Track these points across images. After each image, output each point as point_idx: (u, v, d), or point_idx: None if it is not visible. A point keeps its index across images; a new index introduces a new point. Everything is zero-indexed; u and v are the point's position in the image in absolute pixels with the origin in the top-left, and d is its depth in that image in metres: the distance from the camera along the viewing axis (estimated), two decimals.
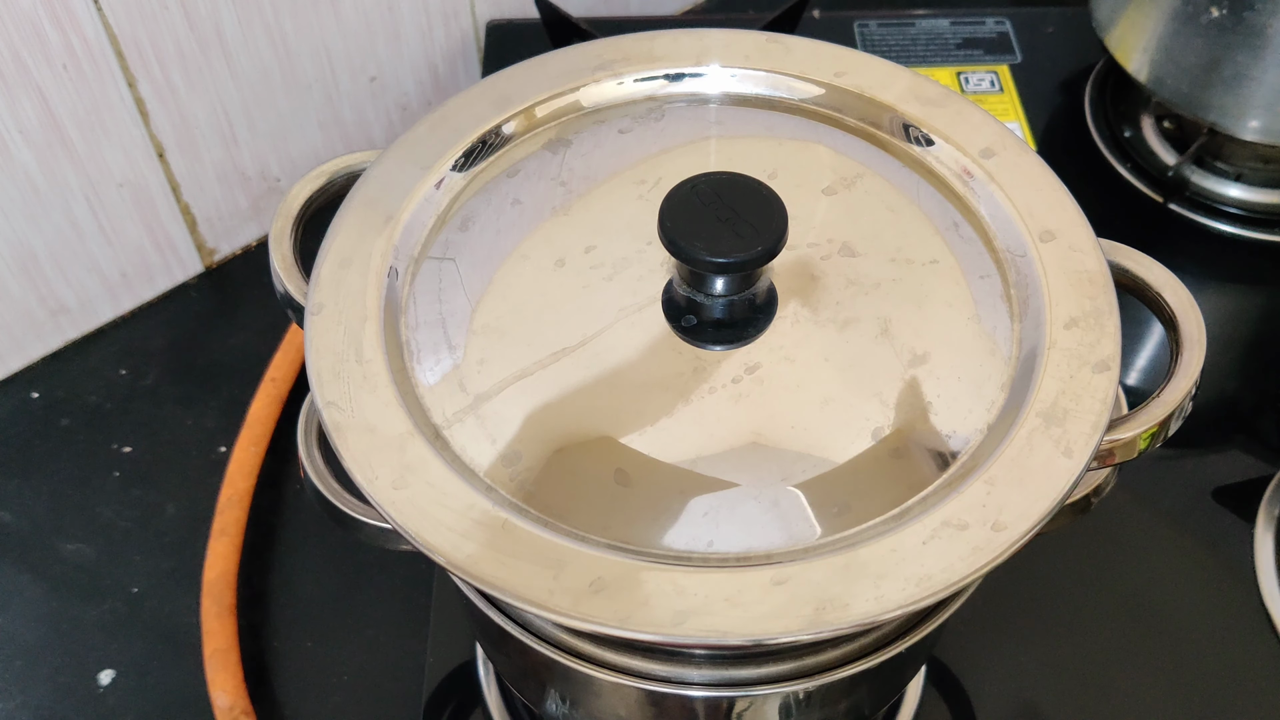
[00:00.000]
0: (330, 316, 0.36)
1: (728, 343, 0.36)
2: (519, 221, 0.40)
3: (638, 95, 0.44)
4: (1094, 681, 0.52)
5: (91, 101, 0.60)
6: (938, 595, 0.31)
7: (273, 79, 0.66)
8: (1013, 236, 0.39)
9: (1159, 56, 0.64)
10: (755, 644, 0.31)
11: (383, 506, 0.32)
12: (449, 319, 0.37)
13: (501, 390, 0.36)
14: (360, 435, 0.34)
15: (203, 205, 0.68)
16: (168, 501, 0.61)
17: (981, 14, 0.77)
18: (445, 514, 0.32)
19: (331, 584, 0.58)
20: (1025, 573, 0.55)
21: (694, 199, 0.35)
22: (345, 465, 0.33)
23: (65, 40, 0.57)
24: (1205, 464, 0.59)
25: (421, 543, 0.32)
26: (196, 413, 0.64)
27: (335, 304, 0.37)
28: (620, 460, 0.34)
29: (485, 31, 0.75)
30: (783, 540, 0.33)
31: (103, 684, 0.55)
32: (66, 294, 0.65)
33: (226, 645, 0.53)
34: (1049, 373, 0.35)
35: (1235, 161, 0.68)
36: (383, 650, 0.55)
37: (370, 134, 0.73)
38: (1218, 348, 0.64)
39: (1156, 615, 0.54)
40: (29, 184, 0.60)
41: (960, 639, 0.53)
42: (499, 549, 0.32)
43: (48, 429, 0.63)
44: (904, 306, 0.37)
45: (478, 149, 0.42)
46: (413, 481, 0.33)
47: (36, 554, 0.59)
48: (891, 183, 0.41)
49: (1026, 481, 0.33)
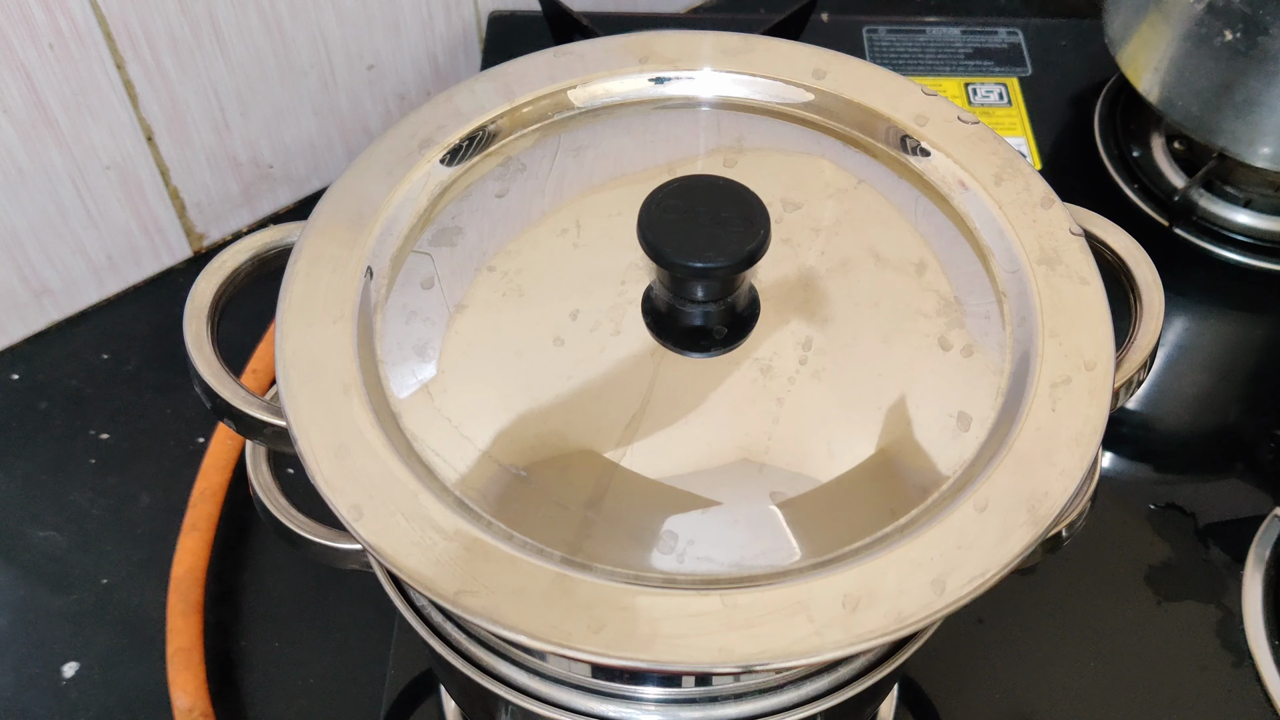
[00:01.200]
0: (299, 323, 0.35)
1: (707, 351, 0.35)
2: (500, 226, 0.39)
3: (628, 97, 0.43)
4: (1070, 712, 0.51)
5: (78, 82, 0.59)
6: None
7: (266, 64, 0.65)
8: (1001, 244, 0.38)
9: (1170, 77, 0.62)
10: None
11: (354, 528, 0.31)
12: (424, 327, 0.36)
13: (478, 402, 0.35)
14: (328, 452, 0.33)
15: (192, 190, 0.67)
16: (142, 491, 0.60)
17: (994, 24, 0.76)
18: (417, 534, 0.31)
19: (303, 584, 0.57)
20: (1007, 604, 0.54)
21: (674, 203, 0.34)
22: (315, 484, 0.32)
23: (52, 20, 0.56)
24: (1201, 493, 0.58)
25: (400, 569, 0.31)
26: (176, 401, 0.63)
27: (305, 310, 0.35)
28: (598, 476, 0.33)
29: (487, 23, 0.74)
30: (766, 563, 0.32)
31: (66, 676, 0.54)
32: (50, 275, 0.64)
33: (190, 644, 0.52)
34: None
35: (1245, 187, 0.66)
36: (351, 654, 0.54)
37: (366, 123, 0.72)
38: (1220, 377, 0.63)
39: (1135, 649, 0.53)
40: (12, 164, 0.59)
41: (936, 661, 0.52)
42: (476, 574, 0.31)
43: (25, 412, 0.63)
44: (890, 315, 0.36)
45: (463, 147, 0.41)
46: (382, 500, 0.32)
47: (6, 540, 0.58)
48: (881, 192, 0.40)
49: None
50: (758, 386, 0.35)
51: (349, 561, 0.37)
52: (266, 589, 0.57)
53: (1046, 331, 0.36)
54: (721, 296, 0.35)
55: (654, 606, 0.30)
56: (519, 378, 0.35)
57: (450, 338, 0.36)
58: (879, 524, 0.33)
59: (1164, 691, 0.52)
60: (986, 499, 0.32)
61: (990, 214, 0.39)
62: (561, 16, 0.70)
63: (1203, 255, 0.66)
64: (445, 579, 0.31)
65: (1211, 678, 0.52)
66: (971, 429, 0.34)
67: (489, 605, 0.30)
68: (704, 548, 0.32)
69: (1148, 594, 0.55)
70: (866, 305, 0.37)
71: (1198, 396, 0.63)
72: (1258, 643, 0.53)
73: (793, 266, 0.37)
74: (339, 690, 0.53)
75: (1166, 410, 0.62)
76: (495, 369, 0.35)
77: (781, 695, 0.36)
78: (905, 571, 0.31)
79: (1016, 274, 0.37)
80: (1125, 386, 0.36)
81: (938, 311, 0.37)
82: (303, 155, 0.70)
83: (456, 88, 0.42)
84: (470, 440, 0.34)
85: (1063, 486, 0.33)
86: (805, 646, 0.30)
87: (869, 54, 0.74)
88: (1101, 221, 0.40)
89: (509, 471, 0.33)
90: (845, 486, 0.34)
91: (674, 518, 0.33)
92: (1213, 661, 0.53)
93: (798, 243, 0.38)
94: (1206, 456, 0.61)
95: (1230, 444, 0.61)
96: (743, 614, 0.30)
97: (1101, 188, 0.69)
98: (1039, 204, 0.39)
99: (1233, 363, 0.64)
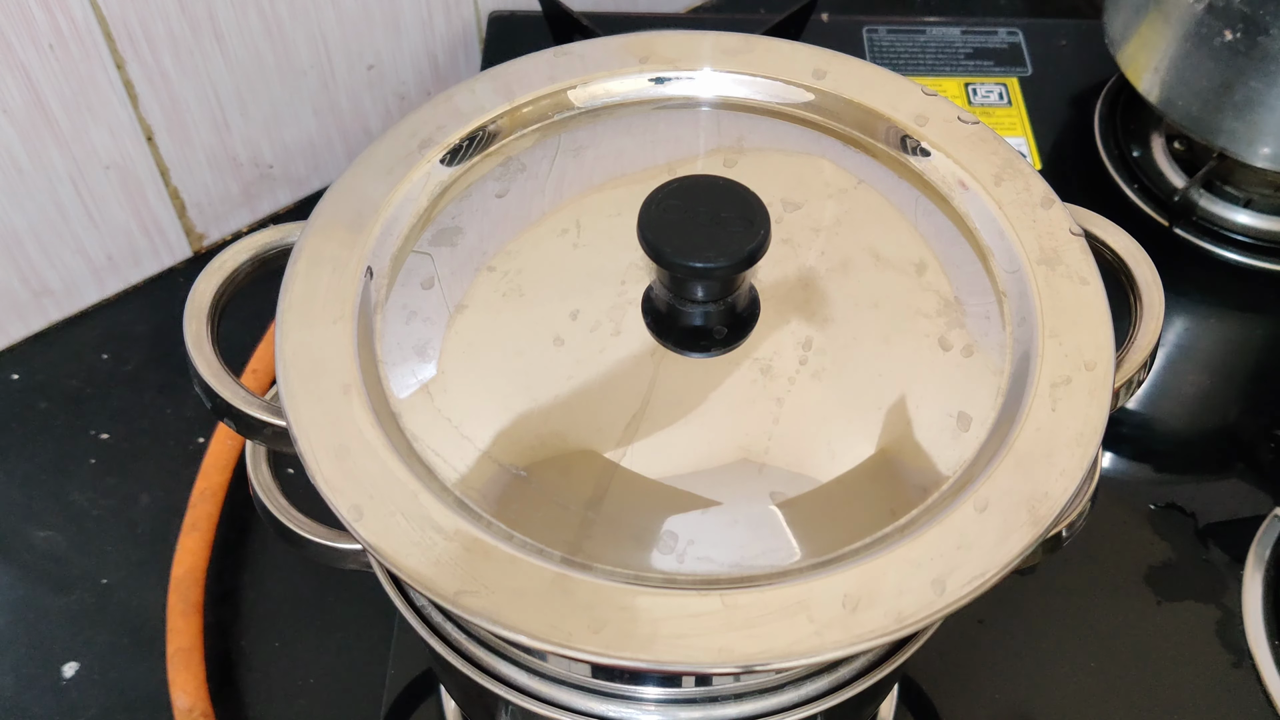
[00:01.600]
0: (299, 323, 0.35)
1: (707, 351, 0.35)
2: (500, 226, 0.39)
3: (628, 97, 0.43)
4: (1070, 712, 0.51)
5: (78, 82, 0.59)
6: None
7: (266, 64, 0.65)
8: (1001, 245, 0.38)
9: (1170, 77, 0.62)
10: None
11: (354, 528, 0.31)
12: (424, 327, 0.36)
13: (478, 402, 0.35)
14: (328, 452, 0.33)
15: (192, 190, 0.67)
16: (142, 491, 0.60)
17: (994, 24, 0.76)
18: (417, 534, 0.31)
19: (303, 584, 0.57)
20: (1007, 604, 0.54)
21: (674, 203, 0.34)
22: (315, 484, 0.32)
23: (52, 19, 0.56)
24: (1201, 493, 0.58)
25: (400, 569, 0.31)
26: (176, 401, 0.63)
27: (305, 310, 0.35)
28: (598, 476, 0.33)
29: (487, 23, 0.74)
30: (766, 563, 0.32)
31: (66, 676, 0.54)
32: (50, 275, 0.64)
33: (190, 644, 0.52)
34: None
35: (1245, 187, 0.66)
36: (351, 654, 0.54)
37: (366, 123, 0.72)
38: (1220, 377, 0.63)
39: (1135, 649, 0.53)
40: (12, 163, 0.59)
41: (936, 661, 0.52)
42: (476, 574, 0.31)
43: (26, 412, 0.63)
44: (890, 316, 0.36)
45: (463, 147, 0.41)
46: (382, 500, 0.32)
47: (6, 540, 0.58)
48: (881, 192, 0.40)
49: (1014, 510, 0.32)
50: (758, 386, 0.34)
51: (349, 561, 0.37)
52: (266, 589, 0.57)
53: (1047, 331, 0.36)
54: (721, 296, 0.35)
55: (654, 606, 0.30)
56: (519, 378, 0.35)
57: (450, 338, 0.36)
58: (879, 524, 0.33)
59: (1164, 691, 0.52)
60: (986, 499, 0.32)
61: (990, 214, 0.39)
62: (561, 16, 0.70)
63: (1203, 255, 0.66)
64: (445, 579, 0.30)
65: (1211, 678, 0.52)
66: (971, 429, 0.34)
67: (489, 605, 0.30)
68: (704, 548, 0.32)
69: (1148, 594, 0.55)
70: (866, 305, 0.36)
71: (1198, 396, 0.63)
72: (1258, 643, 0.53)
73: (793, 266, 0.37)
74: (339, 690, 0.53)
75: (1166, 410, 0.62)
76: (495, 369, 0.35)
77: (781, 695, 0.36)
78: (905, 571, 0.31)
79: (1016, 274, 0.37)
80: (1125, 386, 0.36)
81: (938, 312, 0.37)
82: (303, 155, 0.70)
83: (456, 88, 0.42)
84: (470, 440, 0.34)
85: (1063, 486, 0.32)
86: (805, 646, 0.30)
87: (869, 54, 0.74)
88: (1101, 221, 0.40)
89: (509, 471, 0.33)
90: (845, 486, 0.33)
91: (674, 518, 0.33)
92: (1213, 661, 0.53)
93: (798, 243, 0.38)
94: (1206, 456, 0.61)
95: (1230, 444, 0.61)
96: (743, 614, 0.30)
97: (1101, 188, 0.69)
98: (1039, 204, 0.39)
99: (1233, 363, 0.64)
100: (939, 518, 0.32)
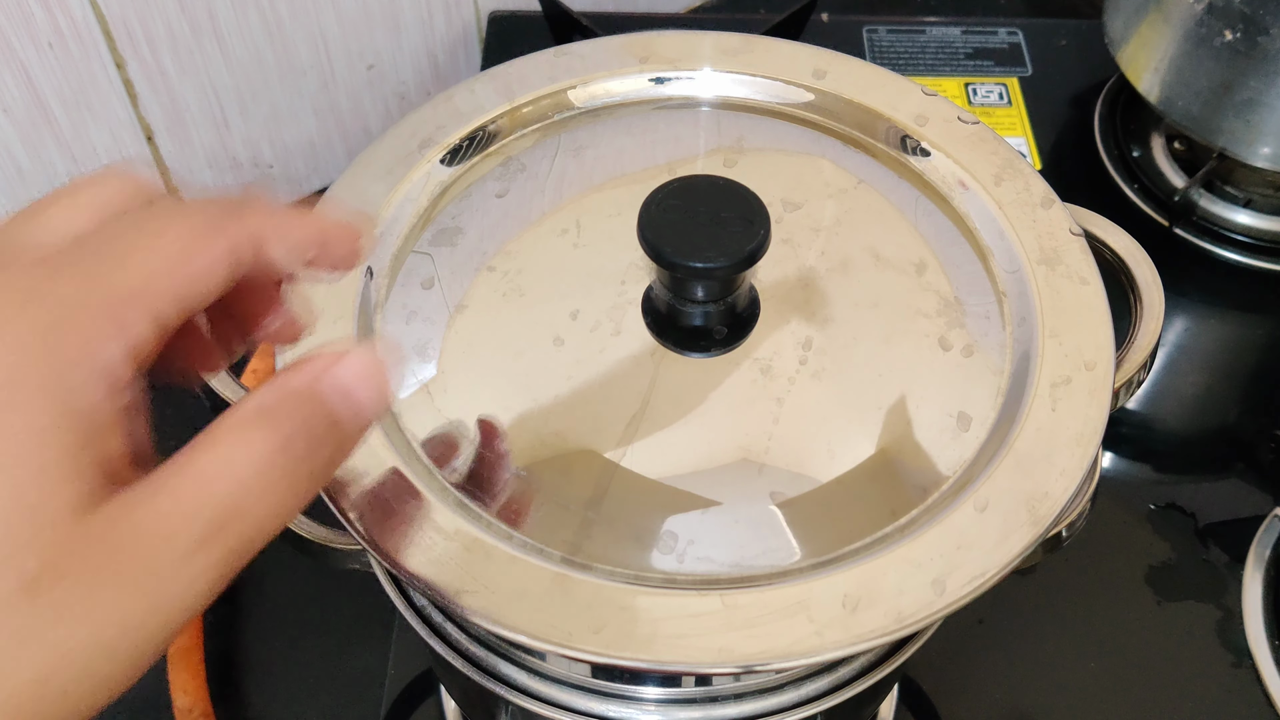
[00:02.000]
0: None
1: (707, 351, 0.35)
2: (500, 226, 0.39)
3: (628, 97, 0.43)
4: (1070, 712, 0.51)
5: (78, 81, 0.59)
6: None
7: (266, 64, 0.65)
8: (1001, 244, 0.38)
9: (1170, 77, 0.62)
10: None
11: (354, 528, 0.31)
12: (424, 327, 0.36)
13: (478, 402, 0.35)
14: None
15: (192, 189, 0.67)
16: None
17: (994, 24, 0.76)
18: (417, 534, 0.31)
19: (303, 584, 0.57)
20: (1007, 604, 0.54)
21: (674, 203, 0.34)
22: None
23: (51, 18, 0.56)
24: (1201, 493, 0.58)
25: (400, 569, 0.31)
26: (176, 402, 0.63)
27: None
28: (598, 476, 0.33)
29: (487, 23, 0.74)
30: (766, 563, 0.32)
31: None
32: None
33: (189, 644, 0.52)
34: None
35: (1245, 187, 0.66)
36: (351, 654, 0.54)
37: (366, 123, 0.72)
38: (1220, 377, 0.63)
39: (1135, 649, 0.53)
40: (11, 161, 0.59)
41: (936, 661, 0.52)
42: (476, 574, 0.31)
43: None
44: (890, 316, 0.36)
45: (463, 147, 0.41)
46: (383, 500, 0.32)
47: None
48: (881, 192, 0.40)
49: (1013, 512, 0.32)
50: (758, 386, 0.34)
51: (349, 561, 0.37)
52: (266, 589, 0.57)
53: (1046, 331, 0.36)
54: (721, 296, 0.35)
55: (654, 606, 0.30)
56: (519, 378, 0.35)
57: (450, 338, 0.36)
58: (879, 524, 0.33)
59: (1164, 691, 0.52)
60: (986, 499, 0.32)
61: (990, 214, 0.39)
62: (561, 16, 0.70)
63: (1203, 255, 0.66)
64: (445, 579, 0.30)
65: (1211, 678, 0.52)
66: (971, 429, 0.34)
67: (489, 605, 0.30)
68: (704, 548, 0.32)
69: (1148, 594, 0.55)
70: (866, 305, 0.36)
71: (1198, 396, 0.63)
72: (1258, 643, 0.53)
73: (793, 266, 0.37)
74: (339, 690, 0.53)
75: (1166, 410, 0.62)
76: (495, 369, 0.35)
77: (781, 695, 0.36)
78: (905, 571, 0.31)
79: (1016, 274, 0.37)
80: (1125, 386, 0.36)
81: (938, 311, 0.37)
82: (303, 155, 0.70)
83: (456, 88, 0.42)
84: (470, 440, 0.34)
85: (1063, 486, 0.32)
86: (805, 646, 0.30)
87: (869, 54, 0.74)
88: (1101, 221, 0.40)
89: (509, 471, 0.33)
90: (845, 486, 0.33)
91: (674, 518, 0.33)
92: (1213, 661, 0.53)
93: (798, 243, 0.38)
94: (1206, 456, 0.61)
95: (1230, 444, 0.61)
96: (743, 614, 0.30)
97: (1101, 188, 0.69)
98: (1039, 204, 0.39)
99: (1233, 363, 0.64)
100: (939, 518, 0.32)
